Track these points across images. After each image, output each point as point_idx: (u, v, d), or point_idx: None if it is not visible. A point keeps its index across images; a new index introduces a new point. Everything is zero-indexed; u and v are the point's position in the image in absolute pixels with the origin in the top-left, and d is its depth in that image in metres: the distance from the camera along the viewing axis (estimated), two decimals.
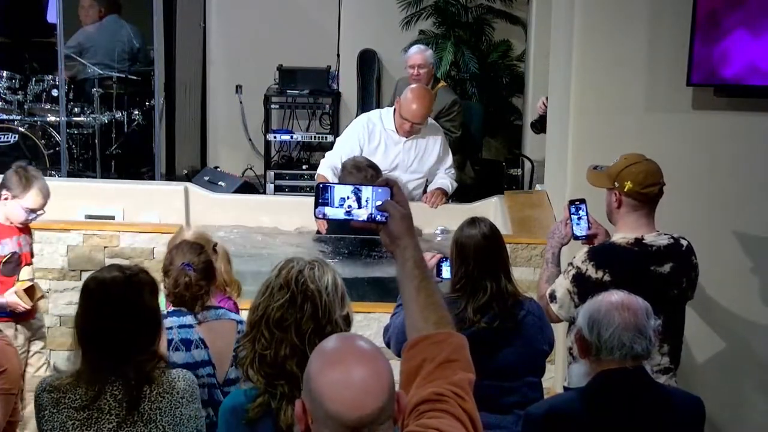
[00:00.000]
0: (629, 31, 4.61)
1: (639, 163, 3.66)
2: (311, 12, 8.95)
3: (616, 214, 3.69)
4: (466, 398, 1.98)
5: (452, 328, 2.07)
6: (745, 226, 4.66)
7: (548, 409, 3.00)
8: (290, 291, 2.57)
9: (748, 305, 4.71)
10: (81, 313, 2.81)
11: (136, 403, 2.72)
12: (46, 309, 5.21)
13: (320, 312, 2.56)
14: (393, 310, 3.78)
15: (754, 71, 4.49)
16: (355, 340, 1.86)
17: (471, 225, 3.61)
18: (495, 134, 8.53)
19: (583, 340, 2.95)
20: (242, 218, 6.07)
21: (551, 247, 3.87)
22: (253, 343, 2.58)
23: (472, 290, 3.53)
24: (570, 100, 4.75)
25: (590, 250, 3.68)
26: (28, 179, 4.49)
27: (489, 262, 3.56)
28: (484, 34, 8.58)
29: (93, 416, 2.71)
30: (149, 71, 8.02)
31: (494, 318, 3.53)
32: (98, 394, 2.72)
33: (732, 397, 4.77)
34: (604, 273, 3.58)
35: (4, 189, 4.50)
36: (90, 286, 2.83)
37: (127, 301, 2.77)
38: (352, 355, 1.81)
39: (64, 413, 2.73)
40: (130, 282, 2.80)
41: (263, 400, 2.54)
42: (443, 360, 1.99)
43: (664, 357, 3.64)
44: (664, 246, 3.64)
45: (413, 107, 5.80)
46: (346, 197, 2.10)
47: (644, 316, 2.93)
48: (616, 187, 3.64)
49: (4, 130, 7.68)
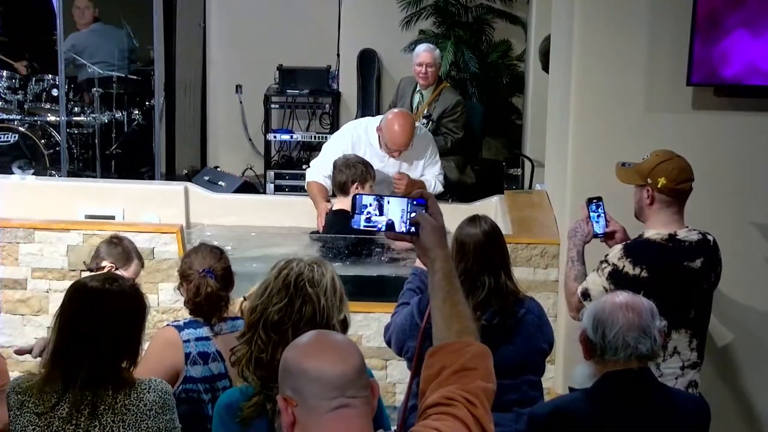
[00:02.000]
0: (629, 31, 4.60)
1: (671, 159, 3.67)
2: (311, 12, 8.95)
3: (648, 210, 3.69)
4: (478, 405, 2.00)
5: (476, 338, 2.11)
6: (746, 226, 4.66)
7: (553, 409, 3.00)
8: (289, 294, 2.55)
9: (748, 303, 4.71)
10: (60, 315, 2.76)
11: (98, 412, 2.65)
12: (45, 309, 5.22)
13: (318, 316, 2.55)
14: (393, 310, 3.79)
15: (754, 71, 4.49)
16: (327, 333, 2.06)
17: (471, 223, 3.62)
18: (495, 134, 8.53)
19: (587, 341, 2.95)
20: (242, 218, 6.07)
21: (575, 246, 3.87)
22: (250, 345, 2.57)
23: (471, 286, 3.53)
24: (570, 100, 4.74)
25: (625, 247, 3.68)
26: (127, 252, 4.34)
27: (488, 259, 3.56)
28: (484, 34, 8.58)
29: (53, 423, 2.65)
30: (149, 71, 8.02)
31: (494, 315, 3.53)
32: (59, 400, 2.66)
33: (739, 393, 4.77)
34: (642, 269, 3.59)
35: (106, 261, 4.26)
36: (75, 291, 2.78)
37: (108, 313, 2.71)
38: (326, 337, 2.02)
39: (26, 417, 2.68)
40: (118, 295, 2.75)
41: (258, 400, 2.53)
42: (460, 368, 2.03)
43: (693, 352, 3.65)
44: (696, 242, 3.66)
45: (396, 139, 5.66)
46: (368, 204, 2.14)
47: (649, 316, 2.92)
48: (648, 183, 3.65)
49: (4, 130, 7.69)
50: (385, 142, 5.71)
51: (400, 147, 5.72)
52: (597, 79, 4.68)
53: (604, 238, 3.87)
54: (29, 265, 5.22)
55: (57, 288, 5.24)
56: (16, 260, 5.21)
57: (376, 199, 2.15)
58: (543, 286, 4.90)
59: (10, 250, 5.19)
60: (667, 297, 3.53)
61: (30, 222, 5.28)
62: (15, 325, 5.18)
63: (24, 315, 5.25)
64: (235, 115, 9.11)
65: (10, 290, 5.22)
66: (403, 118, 5.74)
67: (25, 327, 5.25)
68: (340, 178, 5.44)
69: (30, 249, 5.21)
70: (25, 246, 5.20)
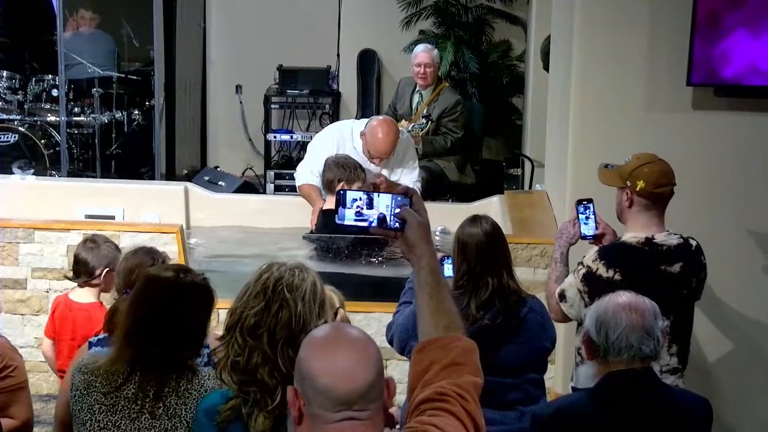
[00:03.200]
0: (629, 32, 4.60)
1: (652, 163, 3.65)
2: (311, 12, 8.95)
3: (627, 213, 3.68)
4: (469, 400, 2.00)
5: (462, 334, 2.10)
6: (746, 226, 4.66)
7: (557, 410, 3.00)
8: (266, 298, 2.52)
9: (748, 304, 4.71)
10: (132, 301, 2.84)
11: (163, 395, 2.71)
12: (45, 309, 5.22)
13: (294, 322, 2.50)
14: (395, 309, 3.79)
15: (754, 71, 4.49)
16: (344, 327, 1.99)
17: (473, 223, 3.62)
18: (495, 134, 8.53)
19: (590, 342, 2.95)
20: (242, 218, 6.07)
21: (559, 247, 3.86)
22: (228, 348, 2.55)
23: (474, 286, 3.54)
24: (570, 100, 4.75)
25: (601, 250, 3.67)
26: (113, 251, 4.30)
27: (490, 259, 3.57)
28: (484, 34, 8.58)
29: (118, 403, 2.72)
30: (149, 71, 8.02)
31: (497, 314, 3.54)
32: (125, 381, 2.72)
33: (740, 396, 4.77)
34: (615, 272, 3.58)
35: (98, 269, 4.14)
36: (149, 280, 2.86)
37: (179, 302, 2.79)
38: (342, 339, 1.93)
39: (92, 396, 2.74)
40: (189, 286, 2.83)
41: (235, 404, 2.50)
42: (449, 363, 2.02)
43: (672, 357, 3.63)
44: (675, 246, 3.64)
45: (379, 147, 5.64)
46: (358, 198, 2.13)
47: (651, 317, 2.92)
48: (628, 186, 3.64)
49: (4, 130, 7.69)
50: (368, 148, 5.69)
51: (382, 155, 5.69)
52: (597, 79, 4.69)
53: (593, 240, 3.83)
54: (29, 265, 5.22)
55: (57, 288, 5.23)
56: (16, 260, 5.21)
57: (365, 194, 2.14)
58: (543, 287, 4.89)
59: (10, 250, 5.20)
60: None
61: (30, 222, 5.29)
62: (15, 325, 5.18)
63: (24, 315, 5.26)
64: (235, 115, 9.11)
65: (10, 290, 5.22)
66: (388, 127, 5.70)
67: (25, 327, 5.26)
68: (329, 176, 5.46)
69: (30, 249, 5.21)
70: (25, 246, 5.21)
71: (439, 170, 6.66)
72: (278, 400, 2.46)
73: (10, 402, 3.40)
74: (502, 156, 8.38)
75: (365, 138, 5.71)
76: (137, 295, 2.85)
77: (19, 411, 3.42)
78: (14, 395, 3.42)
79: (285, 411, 2.45)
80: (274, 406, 2.46)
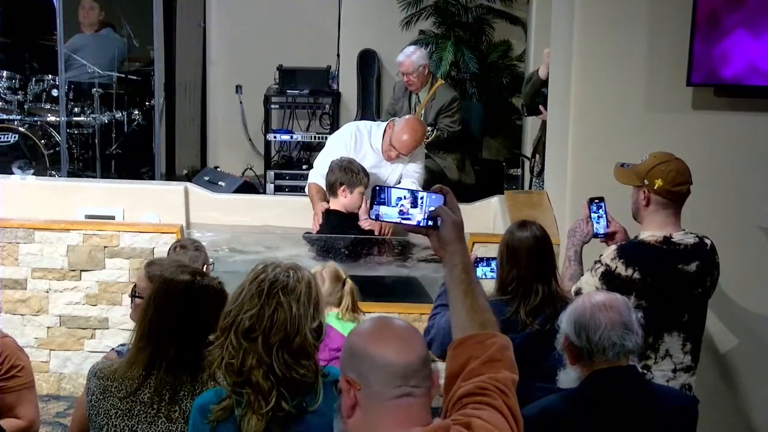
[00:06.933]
0: (629, 31, 4.60)
1: (669, 161, 3.65)
2: (311, 12, 8.96)
3: (644, 211, 3.68)
4: (509, 395, 2.04)
5: (497, 331, 2.14)
6: (746, 226, 4.66)
7: (541, 410, 3.00)
8: (261, 301, 2.52)
9: (748, 304, 4.71)
10: (148, 304, 2.83)
11: (178, 398, 2.71)
12: (45, 309, 5.23)
13: (289, 325, 2.51)
14: (431, 311, 3.82)
15: (754, 71, 4.49)
16: (391, 320, 2.11)
17: (522, 228, 3.66)
18: (495, 134, 8.54)
19: (572, 347, 2.96)
20: (242, 218, 6.07)
21: (573, 245, 3.87)
22: (222, 349, 2.54)
23: (524, 293, 3.58)
24: (570, 100, 4.74)
25: (619, 248, 3.67)
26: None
27: (540, 265, 3.61)
28: (484, 34, 8.59)
29: (135, 407, 2.72)
30: (149, 71, 8.02)
31: (547, 320, 3.55)
32: (140, 385, 2.72)
33: (749, 395, 4.76)
34: (634, 271, 3.58)
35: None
36: (165, 282, 2.85)
37: (194, 305, 2.79)
38: (389, 321, 2.08)
39: (108, 401, 2.73)
40: (204, 289, 2.83)
41: (227, 404, 2.51)
42: (488, 359, 2.07)
43: (686, 355, 3.64)
44: (692, 245, 3.64)
45: (404, 138, 5.76)
46: (403, 197, 2.17)
47: (627, 311, 2.96)
48: (645, 185, 3.64)
49: (4, 130, 7.69)
50: (392, 138, 5.76)
51: (402, 150, 5.78)
52: (597, 79, 4.68)
53: (604, 238, 3.86)
54: (29, 265, 5.22)
55: (57, 288, 5.25)
56: (16, 260, 5.21)
57: (410, 192, 2.18)
58: None
59: (10, 250, 5.20)
60: (660, 299, 3.55)
61: (30, 222, 5.29)
62: (15, 325, 5.18)
63: (24, 315, 5.26)
64: (235, 115, 9.11)
65: (10, 290, 5.22)
66: (420, 127, 5.88)
67: (25, 327, 5.26)
68: (330, 178, 5.51)
69: (30, 249, 5.22)
70: (25, 246, 5.21)
71: (439, 170, 6.67)
72: (273, 403, 2.46)
73: (17, 402, 3.42)
74: (502, 156, 8.39)
75: (392, 129, 5.80)
76: (153, 299, 2.84)
77: (25, 411, 3.43)
78: (21, 395, 3.43)
79: (279, 413, 2.47)
80: (268, 408, 2.47)
